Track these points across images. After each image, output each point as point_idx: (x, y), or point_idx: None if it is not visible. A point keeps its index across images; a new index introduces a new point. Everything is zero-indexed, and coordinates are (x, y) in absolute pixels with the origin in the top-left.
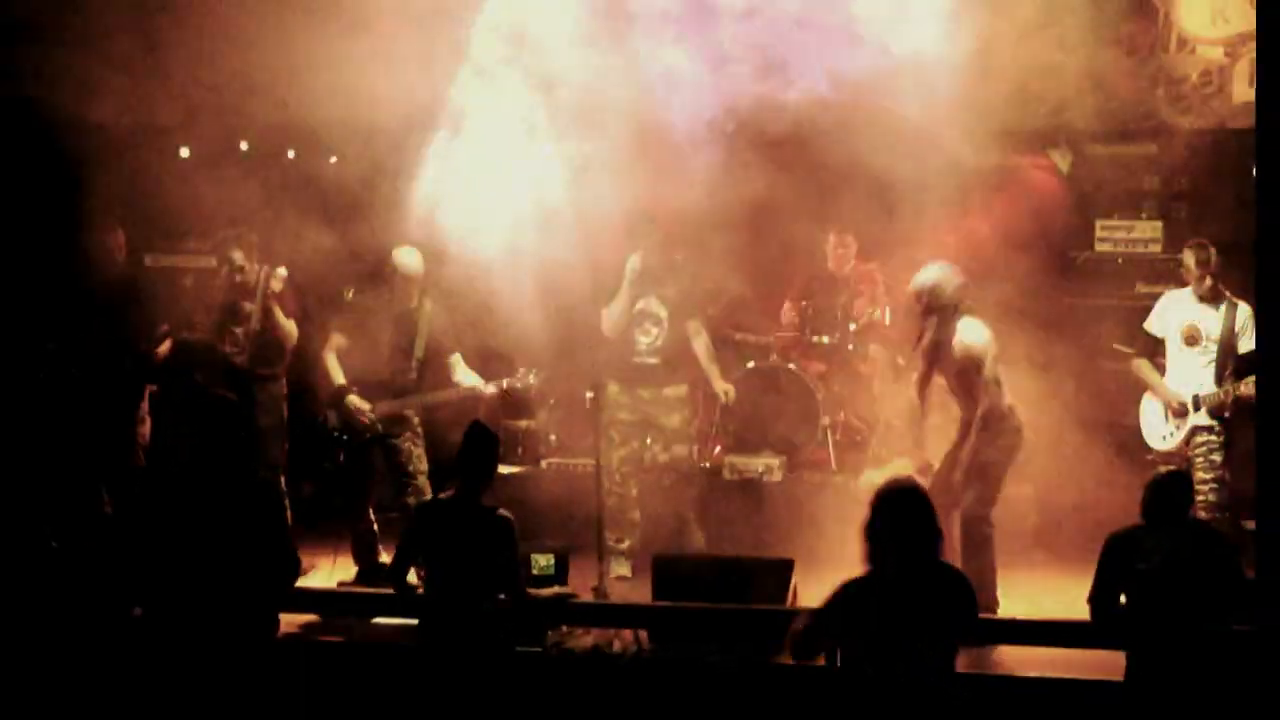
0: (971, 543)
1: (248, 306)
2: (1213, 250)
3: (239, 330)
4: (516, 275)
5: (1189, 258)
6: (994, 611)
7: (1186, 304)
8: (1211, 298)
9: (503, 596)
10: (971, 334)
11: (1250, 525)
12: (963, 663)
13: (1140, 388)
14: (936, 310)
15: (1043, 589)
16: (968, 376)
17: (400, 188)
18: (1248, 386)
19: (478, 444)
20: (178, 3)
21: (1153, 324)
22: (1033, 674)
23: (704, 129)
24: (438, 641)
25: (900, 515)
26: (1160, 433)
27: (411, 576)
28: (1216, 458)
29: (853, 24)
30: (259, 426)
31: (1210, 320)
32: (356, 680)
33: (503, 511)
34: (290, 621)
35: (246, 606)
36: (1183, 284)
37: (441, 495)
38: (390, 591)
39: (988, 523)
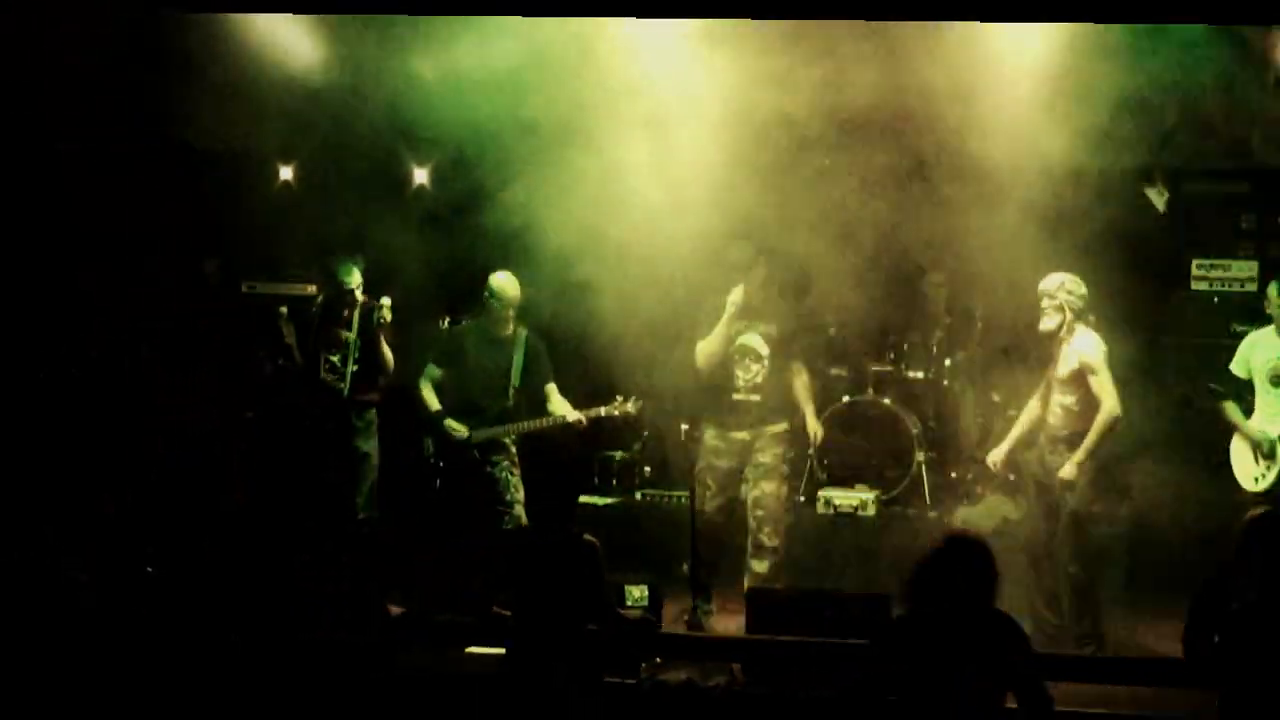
0: (1074, 591)
1: (344, 334)
2: None
3: (335, 358)
4: (616, 303)
5: (1274, 292)
6: (1103, 650)
7: (1271, 342)
8: None
9: (592, 626)
10: (1090, 341)
11: None
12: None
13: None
14: (1067, 309)
15: (1141, 627)
16: (1078, 385)
17: (500, 212)
18: None
19: (555, 475)
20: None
21: (1237, 365)
22: (1125, 712)
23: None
24: (526, 671)
25: (965, 566)
26: (1251, 474)
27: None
28: None
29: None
30: (359, 454)
31: None
32: (449, 710)
33: (588, 537)
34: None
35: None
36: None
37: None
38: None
39: (1086, 569)
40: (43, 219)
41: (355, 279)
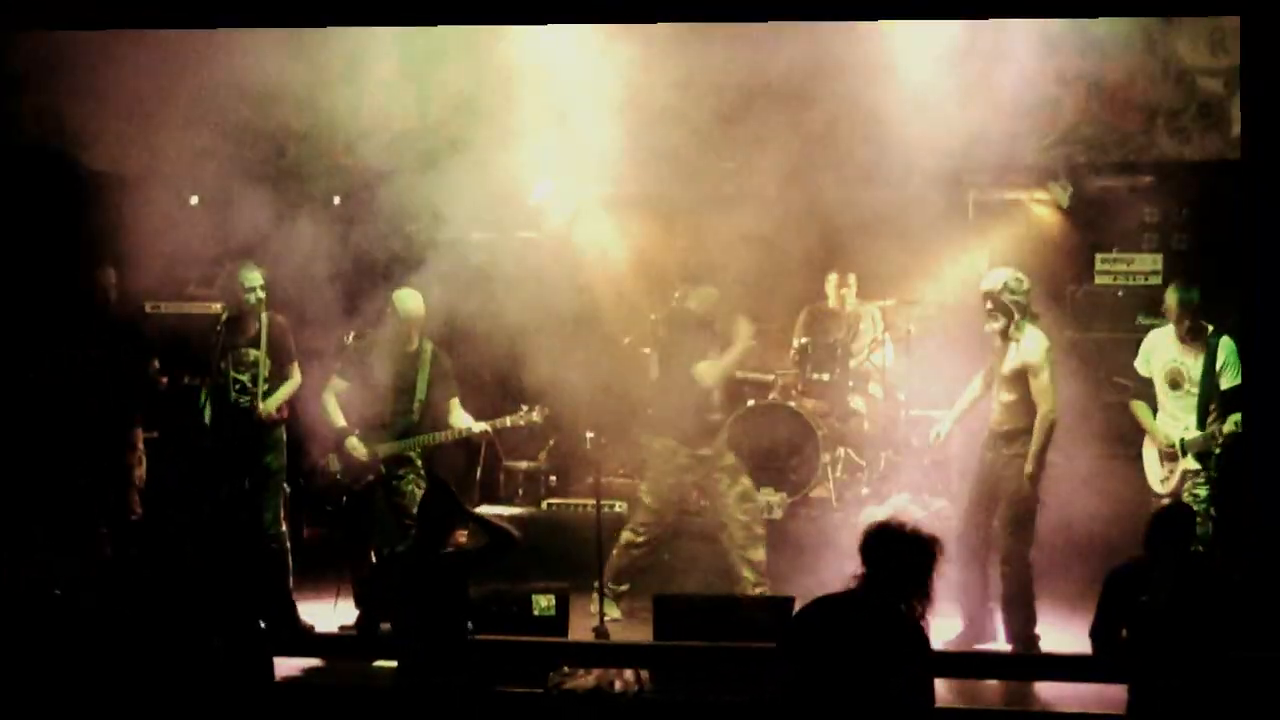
0: (1015, 582)
1: (253, 353)
2: (1195, 290)
3: (244, 377)
4: (521, 310)
5: (1171, 298)
6: (1036, 649)
7: (1169, 345)
8: (1192, 338)
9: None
10: (1033, 340)
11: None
12: (968, 699)
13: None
14: (1012, 309)
15: (1043, 623)
16: (1023, 384)
17: (404, 223)
18: (1231, 424)
19: (433, 499)
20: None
21: (1140, 365)
22: (1034, 709)
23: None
24: (414, 686)
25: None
26: (1158, 475)
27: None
28: (1201, 493)
29: (862, 59)
30: (269, 470)
31: (1191, 362)
32: None
33: (450, 550)
34: (293, 665)
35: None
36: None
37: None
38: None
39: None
40: None
41: (257, 279)
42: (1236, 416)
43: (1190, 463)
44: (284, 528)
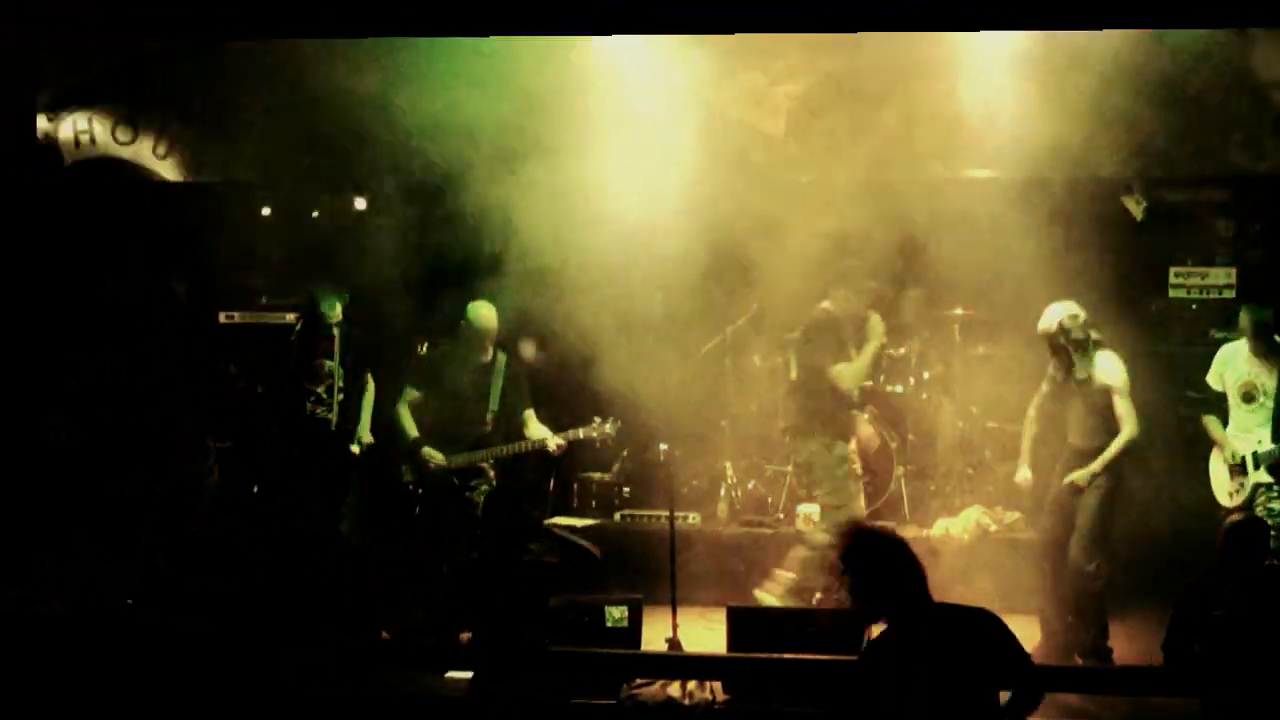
0: (1087, 594)
1: (328, 364)
2: (1268, 311)
3: (320, 389)
4: (596, 325)
5: (1244, 318)
6: (1109, 662)
7: (1243, 359)
8: (1266, 352)
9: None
10: (1111, 364)
11: None
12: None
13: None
14: (1071, 346)
15: (1117, 636)
16: (1102, 409)
17: (480, 236)
18: None
19: (497, 506)
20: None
21: (1212, 379)
22: None
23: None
24: (490, 696)
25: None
26: (1227, 489)
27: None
28: (1276, 506)
29: (937, 64)
30: (345, 481)
31: (1266, 376)
32: None
33: (548, 559)
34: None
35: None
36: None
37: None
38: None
39: (1101, 571)
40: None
41: (337, 313)
42: None
43: (1262, 475)
44: (356, 538)
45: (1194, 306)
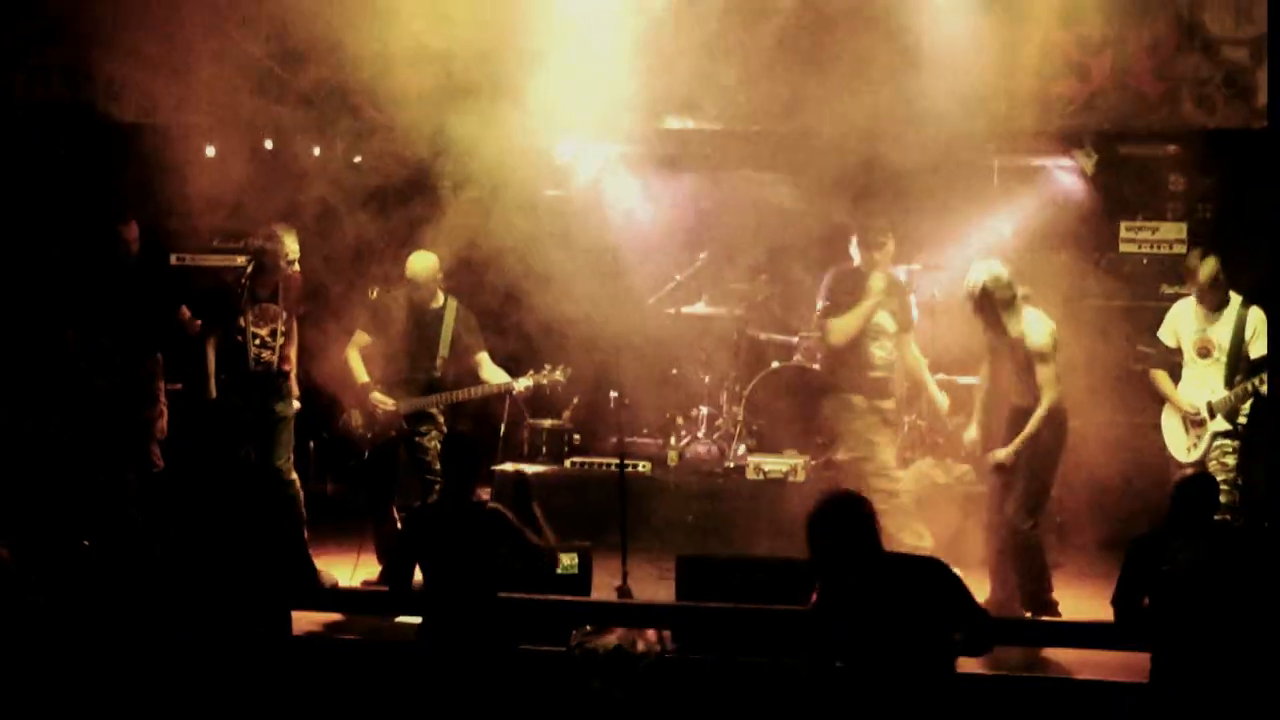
0: (1023, 549)
1: (273, 308)
2: (1217, 260)
3: (264, 331)
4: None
5: (1201, 264)
6: (1056, 615)
7: (1195, 314)
8: (1218, 306)
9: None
10: (1036, 325)
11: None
12: (990, 664)
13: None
14: (997, 306)
15: (1065, 591)
16: (1031, 369)
17: (431, 180)
18: (1260, 383)
19: (457, 450)
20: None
21: (1164, 334)
22: (1055, 675)
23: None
24: (438, 642)
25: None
26: (1184, 444)
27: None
28: (1230, 460)
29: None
30: (280, 419)
31: (1220, 330)
32: (371, 679)
33: (493, 505)
34: (314, 620)
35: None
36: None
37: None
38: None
39: (1036, 527)
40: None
41: (296, 248)
42: (1261, 375)
43: (1220, 424)
44: (294, 476)
45: (1144, 261)
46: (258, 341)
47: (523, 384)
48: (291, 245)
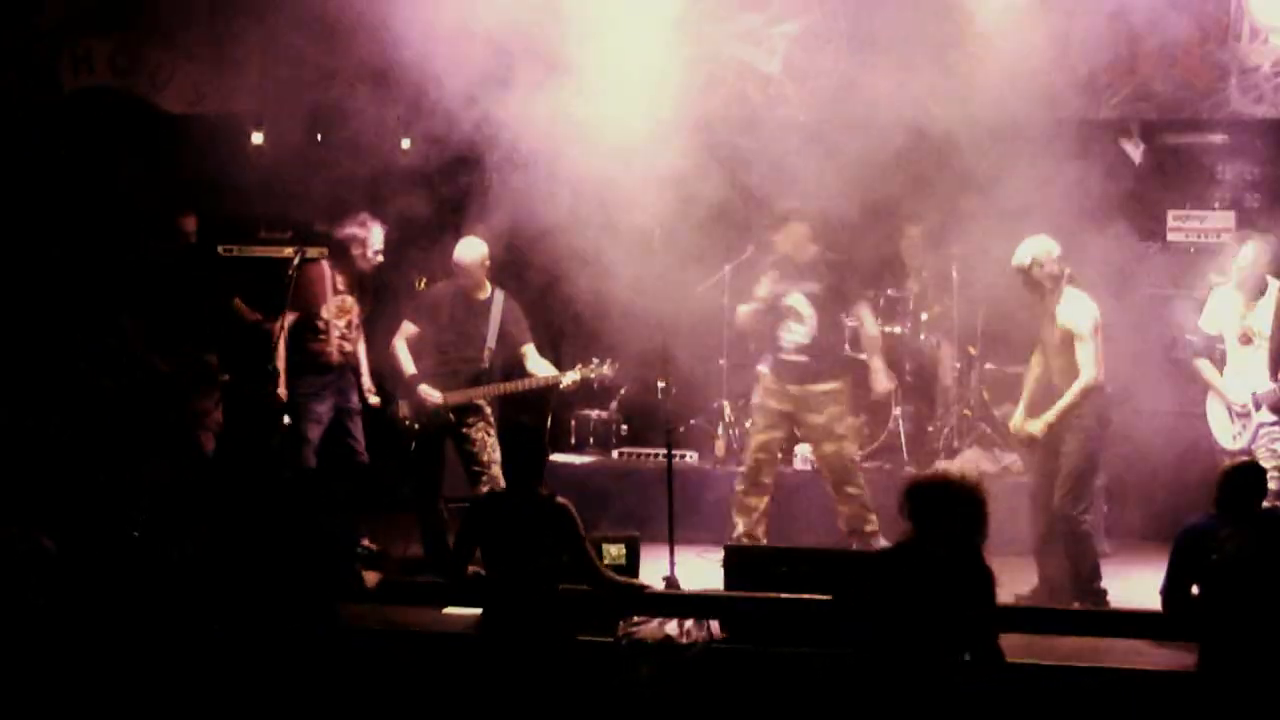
0: (1072, 536)
1: (349, 299)
2: (1255, 245)
3: (343, 322)
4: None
5: (1244, 254)
6: (1105, 603)
7: (1237, 301)
8: (1260, 292)
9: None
10: (1077, 304)
11: None
12: (1039, 653)
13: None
14: (1043, 281)
15: (1114, 580)
16: (1070, 349)
17: (479, 172)
18: None
19: (523, 441)
20: None
21: (1207, 322)
22: (1104, 665)
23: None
24: (501, 633)
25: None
26: (1229, 432)
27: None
28: (1278, 447)
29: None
30: (359, 413)
31: (1259, 317)
32: (423, 670)
33: (559, 500)
34: (359, 612)
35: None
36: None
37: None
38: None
39: (1085, 513)
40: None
41: (380, 241)
42: None
43: (1265, 415)
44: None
45: (1192, 250)
46: (338, 334)
47: (569, 378)
48: (379, 237)
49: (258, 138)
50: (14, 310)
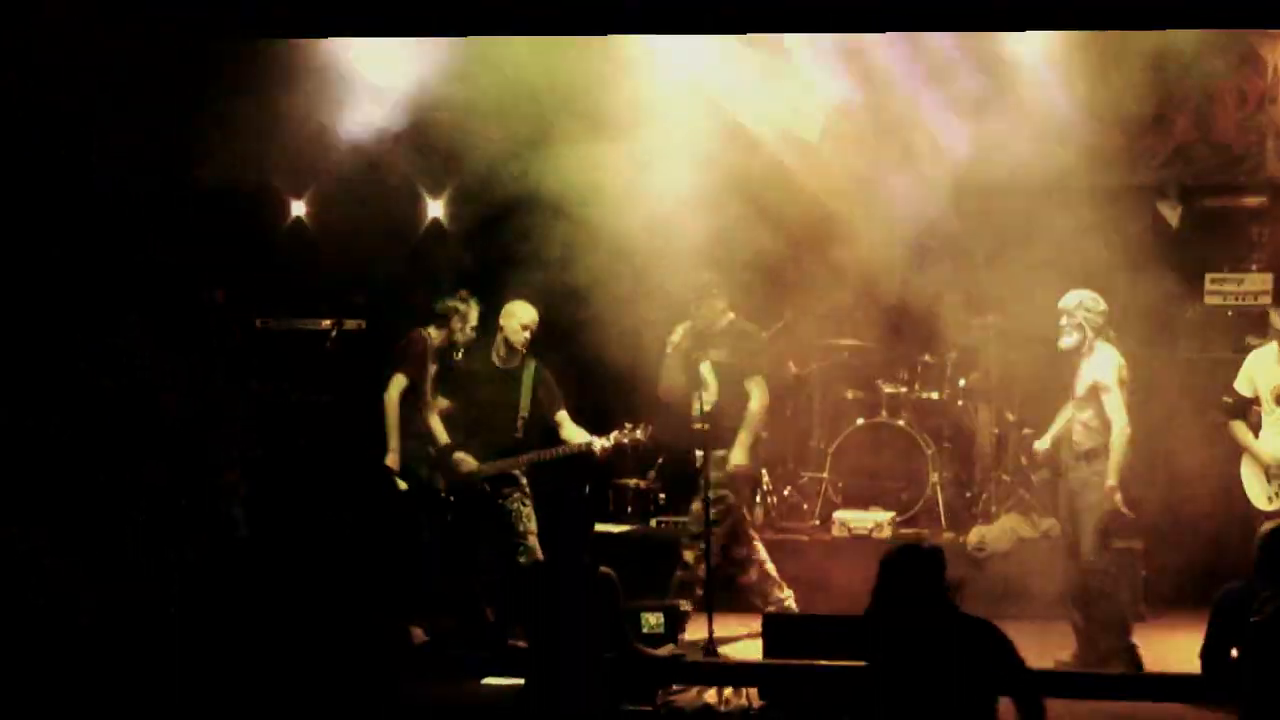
0: (1095, 592)
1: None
2: None
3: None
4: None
5: (1275, 319)
6: (1136, 658)
7: (1273, 362)
8: None
9: (610, 655)
10: (1107, 357)
11: None
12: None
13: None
14: (1081, 328)
15: (1152, 642)
16: (1098, 401)
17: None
18: None
19: (568, 509)
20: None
21: (1242, 384)
22: None
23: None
24: (543, 703)
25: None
26: (1264, 494)
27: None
28: None
29: (967, 75)
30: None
31: None
32: None
33: (605, 569)
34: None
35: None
36: None
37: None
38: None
39: (1112, 565)
40: (46, 258)
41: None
42: None
43: None
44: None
45: (1230, 314)
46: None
47: (601, 444)
48: (476, 314)
49: (298, 208)
50: (14, 310)
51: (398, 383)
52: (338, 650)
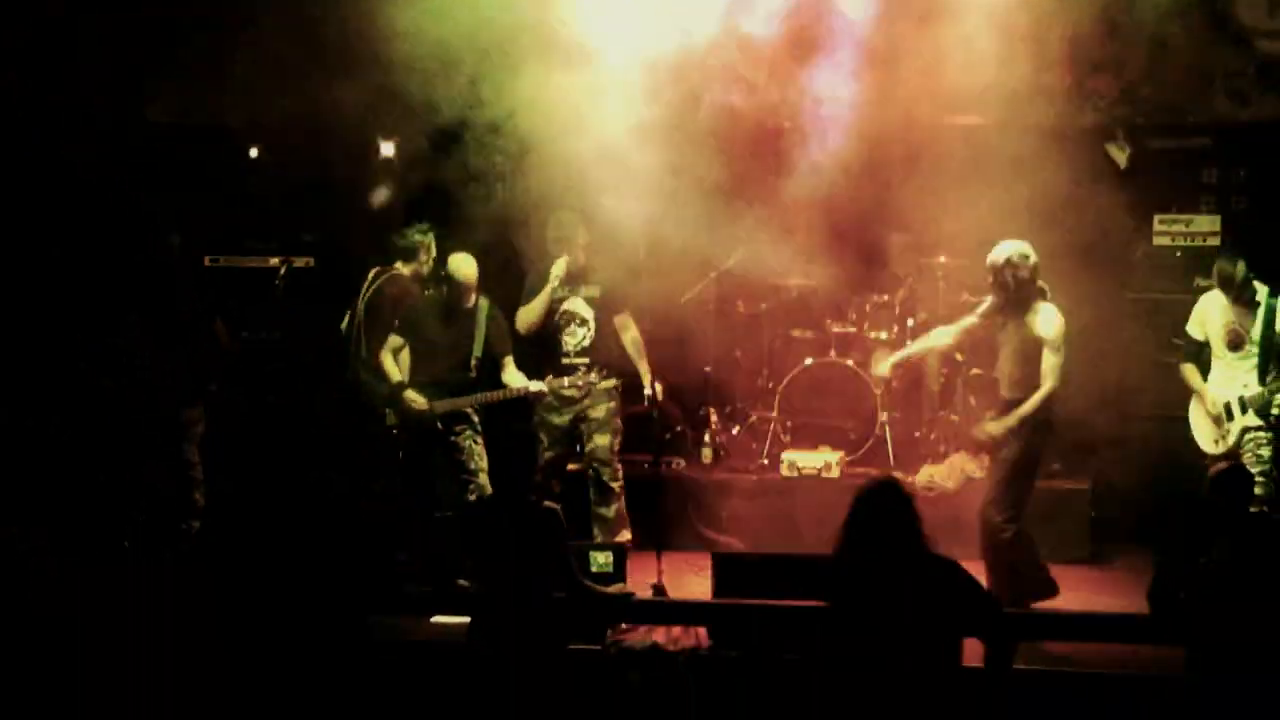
0: (993, 548)
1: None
2: (1241, 262)
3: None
4: None
5: (1217, 270)
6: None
7: (1224, 306)
8: (1248, 300)
9: (559, 594)
10: (1050, 315)
11: None
12: (1024, 658)
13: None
14: (1017, 284)
15: (1101, 586)
16: (1035, 359)
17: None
18: None
19: (515, 447)
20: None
21: (1193, 327)
22: (1090, 670)
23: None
24: (490, 641)
25: (882, 511)
26: (1210, 437)
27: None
28: (1265, 452)
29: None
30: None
31: (1249, 322)
32: (411, 679)
33: (548, 503)
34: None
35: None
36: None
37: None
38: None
39: (1011, 523)
40: (46, 258)
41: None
42: None
43: (1250, 419)
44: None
45: (1178, 254)
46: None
47: (537, 386)
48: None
49: (254, 152)
50: (14, 310)
51: (393, 342)
52: (307, 587)
